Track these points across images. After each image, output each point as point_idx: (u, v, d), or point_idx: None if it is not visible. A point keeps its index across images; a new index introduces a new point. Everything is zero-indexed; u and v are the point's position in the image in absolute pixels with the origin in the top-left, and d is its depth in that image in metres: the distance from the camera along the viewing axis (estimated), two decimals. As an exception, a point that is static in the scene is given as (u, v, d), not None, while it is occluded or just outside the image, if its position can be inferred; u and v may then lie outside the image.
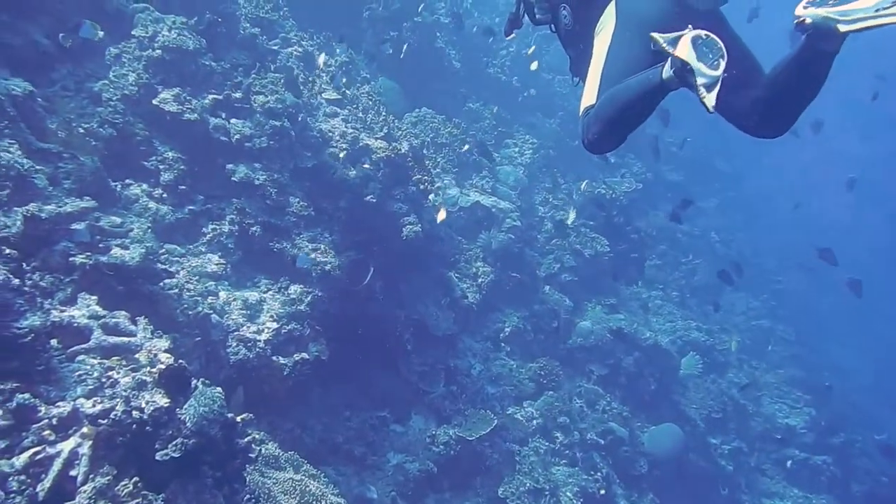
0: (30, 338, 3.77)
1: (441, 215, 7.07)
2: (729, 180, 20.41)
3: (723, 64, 2.14)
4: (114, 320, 4.40)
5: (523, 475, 8.18)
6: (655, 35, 2.29)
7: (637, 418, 10.66)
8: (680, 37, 2.22)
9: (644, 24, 2.50)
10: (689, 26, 2.25)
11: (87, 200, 5.19)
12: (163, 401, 3.91)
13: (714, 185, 19.44)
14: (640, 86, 2.33)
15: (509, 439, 8.66)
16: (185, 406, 3.95)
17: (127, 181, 6.48)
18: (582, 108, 2.60)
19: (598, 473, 9.02)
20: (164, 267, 5.62)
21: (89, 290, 4.75)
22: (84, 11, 7.09)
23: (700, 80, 2.13)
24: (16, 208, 4.61)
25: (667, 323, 13.02)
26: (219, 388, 4.12)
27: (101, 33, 5.74)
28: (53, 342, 4.12)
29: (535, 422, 9.13)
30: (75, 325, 4.22)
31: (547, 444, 8.95)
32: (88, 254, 4.84)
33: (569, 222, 10.09)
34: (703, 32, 2.19)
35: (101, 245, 5.22)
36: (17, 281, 3.81)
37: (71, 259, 4.71)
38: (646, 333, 10.97)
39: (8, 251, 3.93)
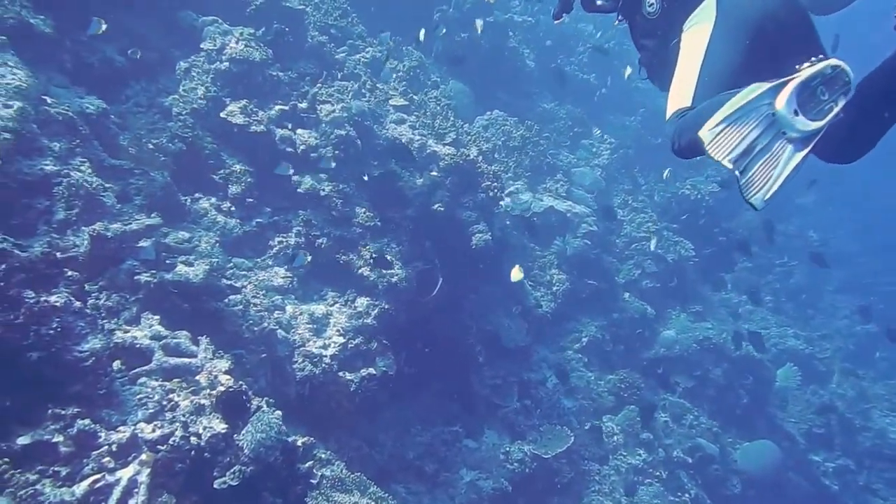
0: (91, 361, 3.73)
1: (516, 274, 6.81)
2: (829, 174, 18.93)
3: (839, 106, 1.93)
4: (175, 341, 4.33)
5: (603, 496, 7.74)
6: (756, 87, 2.01)
7: (728, 434, 9.97)
8: (785, 83, 1.96)
9: (747, 25, 2.33)
10: (808, 62, 1.98)
11: (153, 217, 5.19)
12: (220, 426, 3.79)
13: (812, 179, 18.06)
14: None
15: (588, 457, 8.22)
16: (243, 432, 3.82)
17: (196, 195, 6.52)
18: (673, 109, 2.38)
19: (686, 494, 8.44)
20: (229, 282, 5.57)
21: (154, 308, 4.73)
22: (158, 28, 7.22)
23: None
24: (84, 227, 4.64)
25: (760, 330, 12.12)
26: (277, 413, 3.96)
27: (104, 26, 5.80)
28: (116, 364, 4.09)
29: (615, 438, 8.64)
30: (137, 346, 4.18)
31: (629, 462, 8.44)
32: (153, 272, 4.83)
33: (651, 248, 9.52)
34: (828, 65, 1.93)
35: (167, 261, 5.22)
36: (78, 304, 3.78)
37: (136, 278, 4.69)
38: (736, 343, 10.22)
39: (70, 273, 3.91)
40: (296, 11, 7.99)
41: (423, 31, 7.90)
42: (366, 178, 6.95)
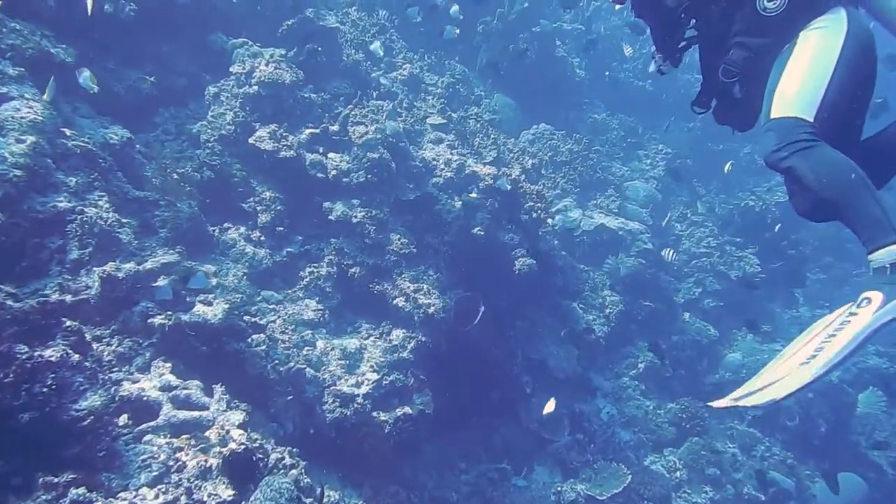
0: (89, 421, 3.43)
1: (549, 407, 6.35)
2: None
3: None
4: (185, 392, 4.02)
5: (665, 541, 7.08)
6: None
7: (805, 466, 9.09)
8: None
9: (865, 53, 2.32)
10: None
11: (171, 254, 4.92)
12: (227, 493, 3.43)
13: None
14: (859, 210, 2.11)
15: (648, 496, 7.56)
16: (251, 500, 3.44)
17: (225, 224, 6.27)
18: (785, 112, 2.26)
19: (759, 537, 7.68)
20: (253, 319, 5.25)
21: (170, 353, 4.45)
22: (188, 52, 7.05)
23: None
24: (95, 268, 4.39)
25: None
26: (288, 478, 3.58)
27: (87, 73, 5.12)
28: (123, 419, 3.79)
29: (678, 474, 7.95)
30: (145, 399, 3.88)
31: (694, 501, 7.74)
32: (169, 313, 4.54)
33: (668, 259, 8.77)
34: None
35: (187, 299, 4.94)
36: (76, 357, 3.49)
37: (150, 321, 4.41)
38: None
39: (69, 324, 3.63)
40: (330, 30, 7.71)
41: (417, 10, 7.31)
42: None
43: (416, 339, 6.28)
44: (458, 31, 7.43)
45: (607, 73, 11.79)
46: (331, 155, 6.59)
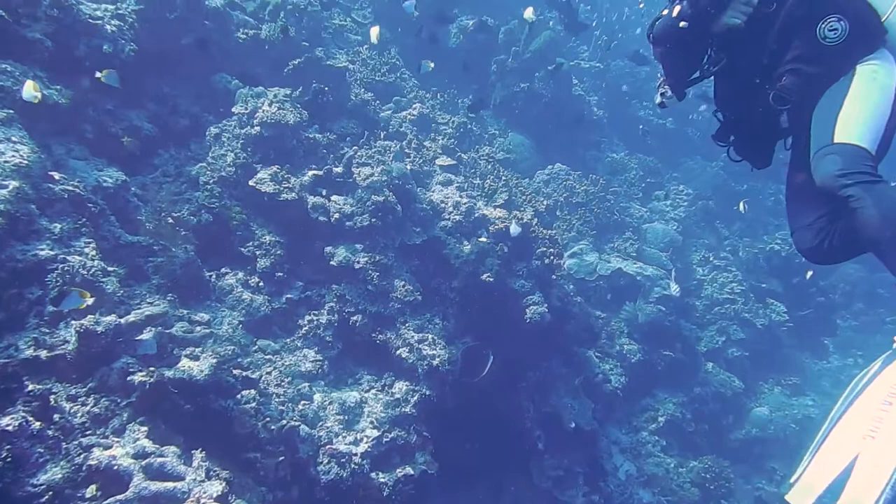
0: (47, 497, 3.11)
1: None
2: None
3: None
4: (160, 460, 3.69)
5: None
6: None
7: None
8: None
9: None
10: None
11: (158, 305, 4.65)
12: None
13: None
14: None
15: (669, 564, 7.04)
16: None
17: (223, 270, 6.02)
18: (849, 141, 2.23)
19: None
20: (244, 374, 4.93)
21: (150, 412, 4.14)
22: (191, 93, 6.91)
23: None
24: (73, 321, 4.13)
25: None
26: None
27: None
28: (90, 490, 3.47)
29: (701, 539, 7.42)
30: (115, 467, 3.56)
31: (719, 570, 7.19)
32: (152, 369, 4.25)
33: (673, 293, 8.27)
34: None
35: (174, 352, 4.65)
36: (38, 424, 3.21)
37: (129, 378, 4.12)
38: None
39: (31, 388, 3.34)
40: (337, 70, 7.55)
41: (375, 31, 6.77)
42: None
43: (419, 392, 5.92)
44: (432, 65, 7.24)
45: (642, 127, 11.41)
46: (334, 197, 6.34)
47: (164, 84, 6.63)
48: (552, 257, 6.70)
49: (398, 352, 5.99)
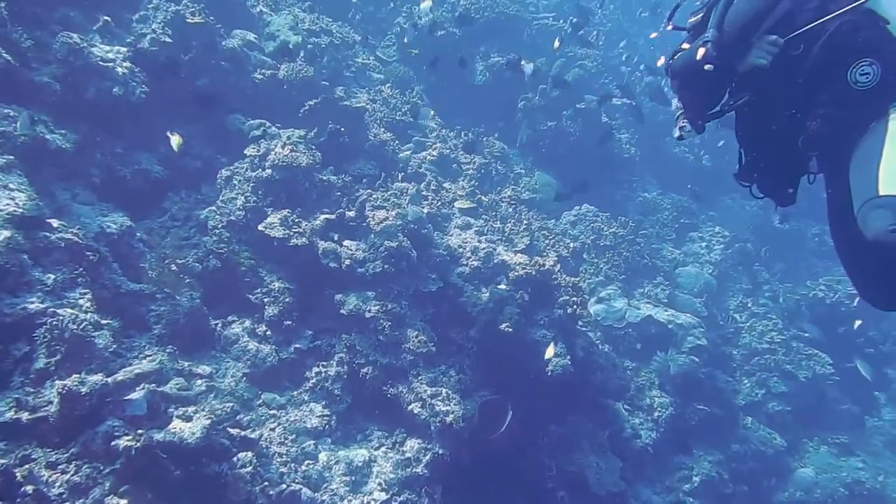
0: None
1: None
2: None
3: None
4: (137, 539, 3.38)
5: None
6: None
7: None
8: None
9: None
10: None
11: (151, 361, 4.41)
12: None
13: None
14: None
15: None
16: None
17: (229, 318, 5.79)
18: (891, 192, 2.12)
19: None
20: (242, 433, 4.64)
21: (135, 479, 3.86)
22: (203, 135, 6.78)
23: None
24: (57, 381, 3.89)
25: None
26: None
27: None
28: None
29: None
30: (86, 548, 3.26)
31: None
32: (140, 432, 3.98)
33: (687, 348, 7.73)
34: None
35: (167, 411, 4.39)
36: None
37: (114, 443, 3.85)
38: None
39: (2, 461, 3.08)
40: (354, 110, 7.37)
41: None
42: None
43: (432, 451, 5.55)
44: (433, 112, 6.99)
45: (690, 186, 10.73)
46: (346, 243, 6.09)
47: (176, 126, 6.51)
48: (576, 306, 6.30)
49: (410, 407, 5.64)
